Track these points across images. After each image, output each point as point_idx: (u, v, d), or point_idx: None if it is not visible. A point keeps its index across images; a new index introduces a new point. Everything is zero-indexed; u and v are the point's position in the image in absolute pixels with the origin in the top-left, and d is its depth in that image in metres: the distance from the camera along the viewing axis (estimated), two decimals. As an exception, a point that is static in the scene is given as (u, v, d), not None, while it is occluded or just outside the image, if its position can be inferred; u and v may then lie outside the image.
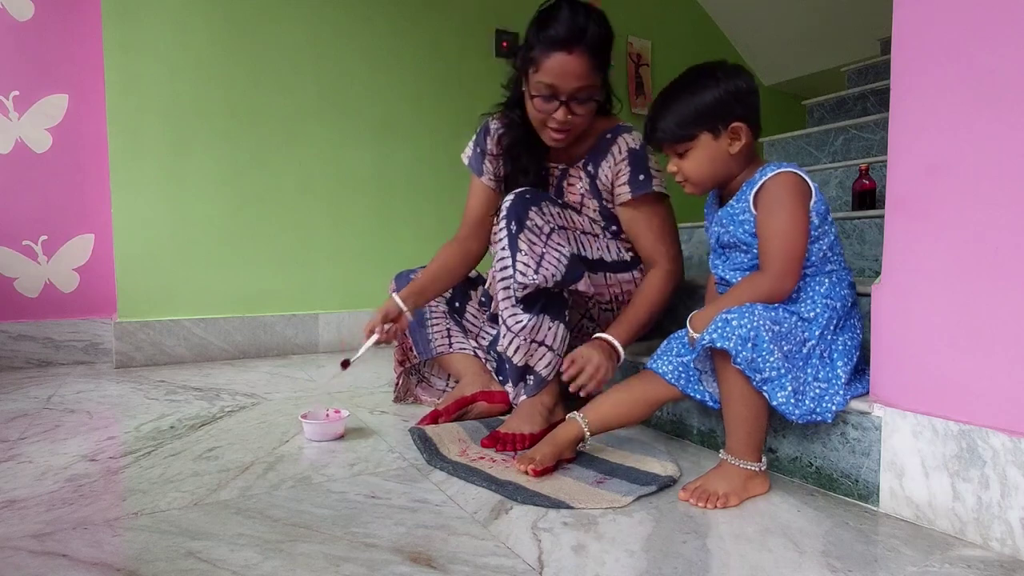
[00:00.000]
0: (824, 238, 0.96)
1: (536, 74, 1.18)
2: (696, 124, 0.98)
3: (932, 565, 0.72)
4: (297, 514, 0.85)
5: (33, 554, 0.74)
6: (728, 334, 0.87)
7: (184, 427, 1.29)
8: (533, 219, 1.16)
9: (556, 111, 1.20)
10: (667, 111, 0.99)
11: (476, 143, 1.44)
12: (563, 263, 1.16)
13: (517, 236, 1.15)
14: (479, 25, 2.65)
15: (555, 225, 1.19)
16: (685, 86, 0.99)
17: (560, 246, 1.17)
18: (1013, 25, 0.73)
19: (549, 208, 1.21)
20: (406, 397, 1.55)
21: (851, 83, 2.57)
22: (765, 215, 0.95)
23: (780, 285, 0.93)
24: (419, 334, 1.49)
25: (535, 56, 1.17)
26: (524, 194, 1.19)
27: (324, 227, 2.36)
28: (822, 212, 0.96)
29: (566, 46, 1.14)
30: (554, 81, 1.17)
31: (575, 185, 1.35)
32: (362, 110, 2.41)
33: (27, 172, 2.06)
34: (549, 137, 1.26)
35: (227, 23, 2.14)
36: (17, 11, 2.02)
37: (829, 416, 0.90)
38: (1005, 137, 0.74)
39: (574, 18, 1.14)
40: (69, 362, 2.13)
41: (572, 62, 1.15)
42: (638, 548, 0.76)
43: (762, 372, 0.87)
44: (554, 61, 1.15)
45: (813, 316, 0.94)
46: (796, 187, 0.94)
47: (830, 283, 0.96)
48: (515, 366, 1.19)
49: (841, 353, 0.94)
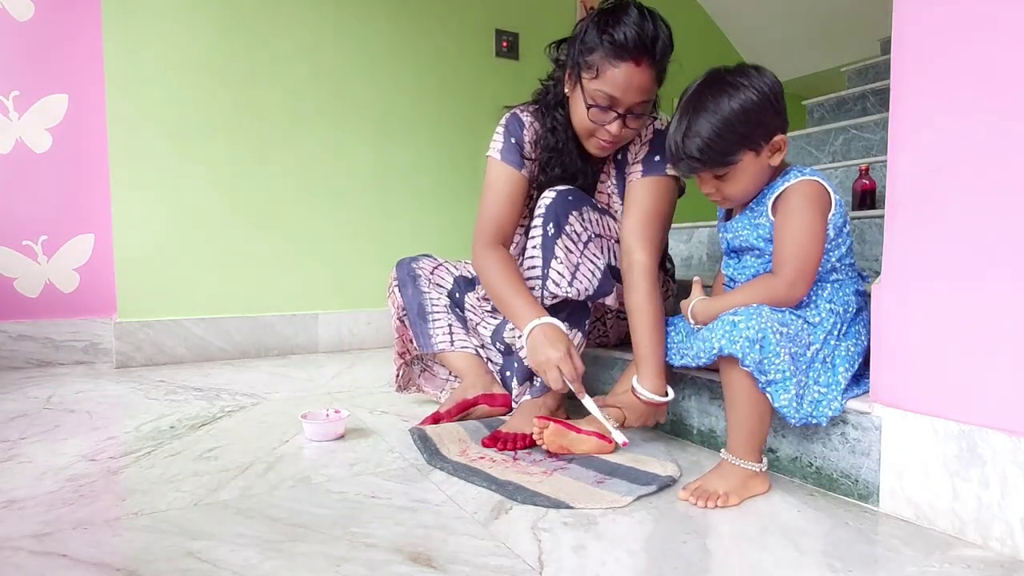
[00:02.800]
0: (836, 250, 0.96)
1: (595, 81, 1.08)
2: (739, 147, 0.92)
3: (932, 565, 0.72)
4: (297, 514, 0.85)
5: (33, 554, 0.74)
6: (735, 337, 0.87)
7: (184, 427, 1.29)
8: (573, 225, 1.10)
9: (611, 123, 1.10)
10: (699, 136, 0.92)
11: (509, 134, 1.24)
12: (597, 276, 1.13)
13: (554, 241, 1.10)
14: (479, 25, 2.65)
15: (592, 233, 1.14)
16: (716, 105, 0.91)
17: (596, 257, 1.14)
18: (1013, 25, 0.73)
19: (589, 214, 1.15)
20: (408, 387, 1.53)
21: (851, 83, 2.57)
22: (783, 221, 0.93)
23: (791, 292, 0.92)
24: (420, 327, 1.46)
25: (595, 61, 1.07)
26: (567, 195, 1.12)
27: (324, 227, 2.36)
28: (839, 225, 0.95)
29: (635, 57, 1.04)
30: (616, 93, 1.07)
31: (605, 183, 1.29)
32: (362, 110, 2.41)
33: (27, 172, 2.05)
34: (596, 146, 1.17)
35: (227, 23, 2.14)
36: (17, 11, 2.02)
37: (824, 420, 0.90)
38: (1005, 137, 0.74)
39: (643, 24, 1.05)
40: (69, 362, 2.13)
41: (639, 75, 1.06)
42: (638, 548, 0.76)
43: (767, 374, 0.87)
44: (620, 72, 1.06)
45: (818, 321, 0.94)
46: (818, 197, 0.93)
47: (833, 288, 0.96)
48: (526, 366, 1.18)
49: (844, 359, 0.94)
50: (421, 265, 1.50)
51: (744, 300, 0.92)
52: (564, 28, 2.85)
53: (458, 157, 2.61)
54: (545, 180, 1.24)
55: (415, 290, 1.47)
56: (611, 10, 1.08)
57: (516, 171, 1.22)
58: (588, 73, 1.09)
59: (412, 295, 1.47)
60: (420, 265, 1.50)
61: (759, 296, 0.92)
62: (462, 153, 2.61)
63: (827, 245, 0.94)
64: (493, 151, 1.25)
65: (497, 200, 1.23)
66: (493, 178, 1.24)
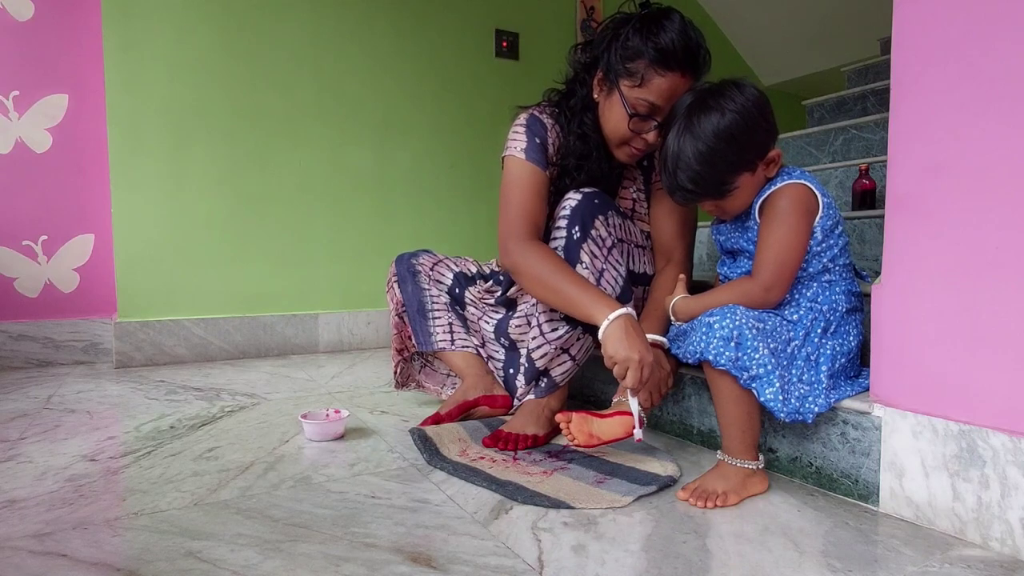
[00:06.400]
0: (828, 251, 0.96)
1: (638, 89, 1.06)
2: (734, 173, 0.93)
3: (932, 565, 0.72)
4: (297, 514, 0.85)
5: (33, 554, 0.74)
6: (710, 339, 0.89)
7: (184, 427, 1.29)
8: (598, 229, 1.09)
9: (649, 132, 1.09)
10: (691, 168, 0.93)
11: (532, 134, 1.18)
12: (619, 283, 1.12)
13: (580, 244, 1.08)
14: (479, 25, 2.65)
15: (616, 239, 1.14)
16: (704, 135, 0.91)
17: (618, 263, 1.13)
18: (1013, 25, 0.73)
19: (614, 219, 1.14)
20: (407, 384, 1.52)
21: (851, 83, 2.57)
22: (766, 224, 0.95)
23: (767, 296, 0.94)
24: (420, 324, 1.43)
25: (639, 69, 1.05)
26: (593, 198, 1.10)
27: (324, 227, 2.36)
28: (828, 227, 0.95)
29: (683, 67, 1.03)
30: (660, 102, 1.05)
31: (629, 188, 1.27)
32: (362, 110, 2.41)
33: (27, 172, 2.05)
34: (627, 154, 1.15)
35: (227, 23, 2.14)
36: (17, 11, 2.02)
37: (810, 417, 0.90)
38: (1005, 137, 0.74)
39: (688, 33, 1.03)
40: (69, 362, 2.13)
41: (684, 86, 1.04)
42: (638, 548, 0.76)
43: (749, 370, 0.88)
44: (668, 82, 1.04)
45: (797, 319, 0.95)
46: (803, 201, 0.93)
47: (819, 287, 0.97)
48: (534, 365, 1.18)
49: (828, 357, 0.94)
50: (421, 261, 1.48)
51: (721, 301, 0.94)
52: (564, 28, 2.86)
53: (458, 157, 2.61)
54: (564, 186, 1.19)
55: (415, 286, 1.46)
56: (655, 16, 1.05)
57: (541, 171, 1.17)
58: (630, 80, 1.06)
59: (412, 292, 1.45)
60: (420, 261, 1.48)
61: (736, 298, 0.94)
62: (462, 153, 2.61)
63: (816, 247, 0.95)
64: (515, 150, 1.18)
65: (527, 196, 1.15)
66: (518, 176, 1.17)
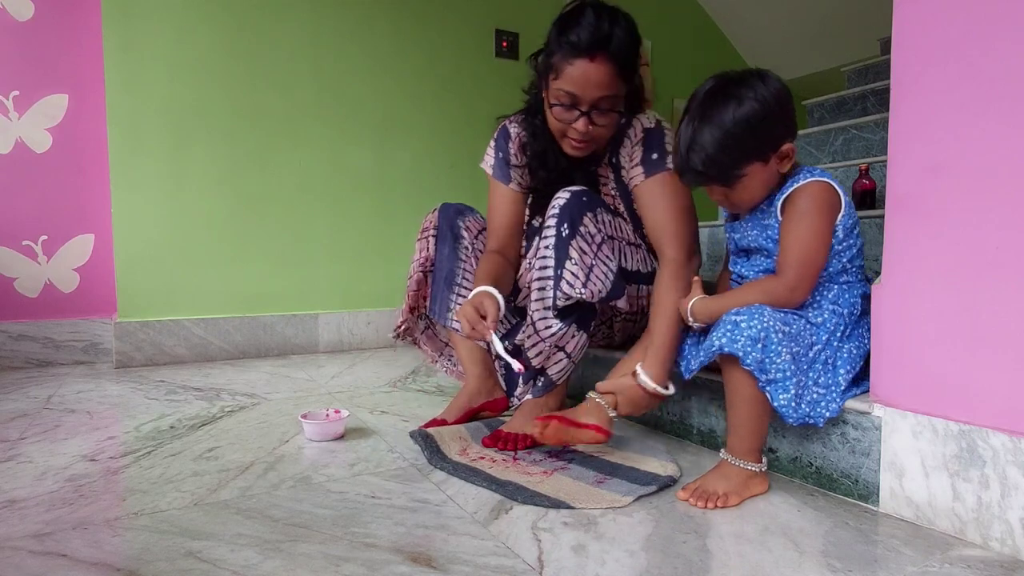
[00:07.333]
0: (847, 251, 0.95)
1: (556, 81, 1.11)
2: (745, 161, 0.91)
3: (932, 565, 0.72)
4: (297, 514, 0.85)
5: (33, 554, 0.74)
6: (737, 336, 0.86)
7: (184, 427, 1.29)
8: (587, 226, 1.10)
9: (576, 121, 1.12)
10: (704, 150, 0.91)
11: (497, 149, 1.32)
12: (610, 279, 1.12)
13: (568, 241, 1.08)
14: (479, 25, 2.65)
15: (606, 235, 1.14)
16: (721, 119, 0.90)
17: (608, 260, 1.13)
18: (1013, 25, 0.73)
19: (603, 216, 1.14)
20: (405, 336, 1.50)
21: (851, 83, 2.57)
22: (789, 222, 0.93)
23: (792, 296, 0.92)
24: (442, 293, 1.37)
25: (555, 62, 1.10)
26: (581, 196, 1.12)
27: (324, 227, 2.36)
28: (848, 226, 0.94)
29: (589, 53, 1.06)
30: (575, 90, 1.09)
31: (607, 186, 1.28)
32: (362, 110, 2.41)
33: (27, 172, 2.05)
34: (569, 146, 1.18)
35: (227, 23, 2.14)
36: (17, 11, 2.02)
37: (821, 421, 0.90)
38: (1005, 137, 0.74)
39: (598, 23, 1.07)
40: (69, 362, 2.13)
41: (594, 70, 1.07)
42: (638, 548, 0.76)
43: (768, 373, 0.87)
44: (576, 69, 1.08)
45: (820, 321, 0.94)
46: (826, 199, 0.92)
47: (839, 289, 0.96)
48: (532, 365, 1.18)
49: (846, 360, 0.93)
50: (468, 224, 1.40)
51: (744, 301, 0.92)
52: (564, 28, 2.87)
53: (458, 157, 2.61)
54: (536, 184, 1.26)
55: (452, 253, 1.38)
56: (568, 13, 1.11)
57: (504, 186, 1.31)
58: (552, 74, 1.12)
59: (448, 256, 1.38)
60: (467, 224, 1.40)
61: (760, 297, 0.91)
62: (462, 153, 2.61)
63: (837, 247, 0.94)
64: (486, 165, 1.34)
65: (494, 213, 1.33)
66: (490, 192, 1.34)
